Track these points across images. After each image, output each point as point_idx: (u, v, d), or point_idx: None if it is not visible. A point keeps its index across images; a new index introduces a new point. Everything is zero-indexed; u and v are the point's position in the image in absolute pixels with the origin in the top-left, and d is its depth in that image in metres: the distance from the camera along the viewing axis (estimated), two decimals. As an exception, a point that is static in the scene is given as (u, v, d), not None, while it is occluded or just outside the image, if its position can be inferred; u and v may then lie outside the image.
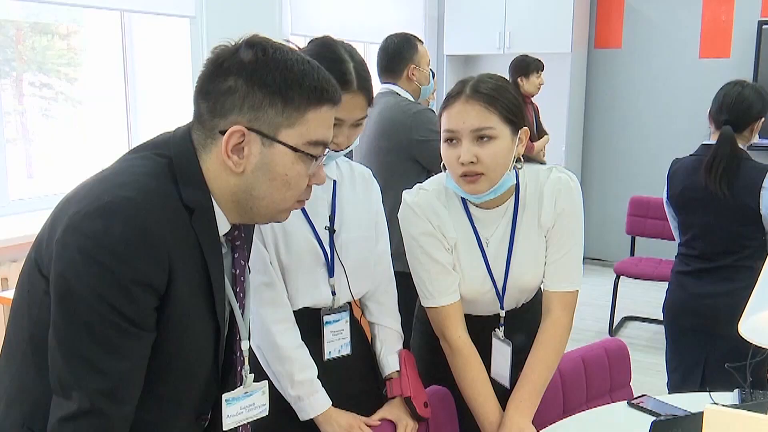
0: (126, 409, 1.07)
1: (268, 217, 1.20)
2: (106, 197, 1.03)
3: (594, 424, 1.74)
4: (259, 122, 1.09)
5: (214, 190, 1.13)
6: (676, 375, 2.63)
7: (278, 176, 1.12)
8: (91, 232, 1.00)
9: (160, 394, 1.15)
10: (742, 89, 2.43)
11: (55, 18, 3.49)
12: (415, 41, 2.95)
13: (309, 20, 4.45)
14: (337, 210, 1.66)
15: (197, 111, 1.12)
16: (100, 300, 1.00)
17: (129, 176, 1.08)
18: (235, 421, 1.27)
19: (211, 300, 1.15)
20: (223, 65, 1.09)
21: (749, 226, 2.39)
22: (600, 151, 6.10)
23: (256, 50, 1.09)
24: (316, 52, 1.53)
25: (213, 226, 1.14)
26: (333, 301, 1.66)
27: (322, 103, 1.13)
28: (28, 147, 3.44)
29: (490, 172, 1.57)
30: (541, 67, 4.53)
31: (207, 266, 1.12)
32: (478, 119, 1.55)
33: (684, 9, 5.61)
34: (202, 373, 1.21)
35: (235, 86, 1.08)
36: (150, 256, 1.02)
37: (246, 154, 1.10)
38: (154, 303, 1.05)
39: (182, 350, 1.14)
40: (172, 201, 1.08)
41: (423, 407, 1.67)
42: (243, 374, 1.27)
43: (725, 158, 2.37)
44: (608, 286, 4.79)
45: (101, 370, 1.03)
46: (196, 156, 1.12)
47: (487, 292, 1.73)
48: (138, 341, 1.05)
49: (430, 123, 2.77)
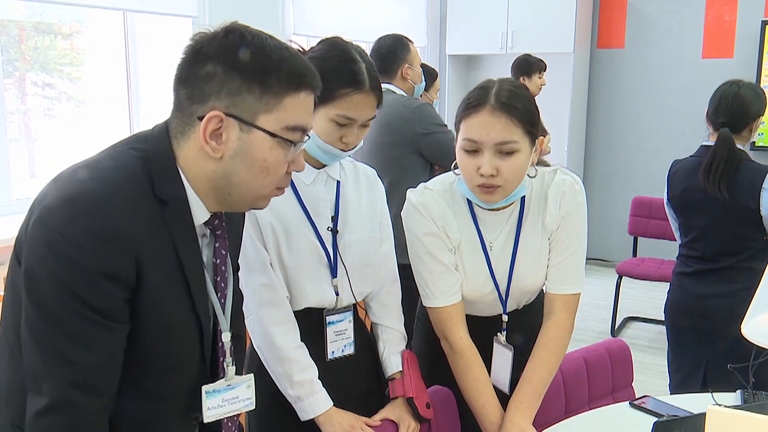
0: (101, 402, 1.07)
1: (247, 204, 1.20)
2: (71, 190, 1.04)
3: (596, 425, 1.74)
4: (237, 108, 1.09)
5: (192, 178, 1.13)
6: (677, 376, 2.62)
7: (256, 162, 1.12)
8: (56, 225, 1.01)
9: (144, 388, 1.15)
10: (738, 89, 2.41)
11: (58, 18, 3.49)
12: (406, 41, 3.03)
13: (312, 20, 4.45)
14: (341, 211, 1.65)
15: (176, 99, 1.13)
16: (66, 291, 1.01)
17: (96, 169, 1.09)
18: (216, 413, 1.26)
19: (189, 292, 1.15)
20: (202, 51, 1.09)
21: (749, 228, 2.38)
22: (602, 152, 6.09)
23: (234, 36, 1.09)
24: (327, 52, 1.53)
25: (188, 218, 1.14)
26: (336, 302, 1.65)
27: (300, 88, 1.13)
28: (30, 146, 3.44)
29: (508, 184, 1.57)
30: (544, 67, 4.52)
31: (180, 259, 1.13)
32: (502, 133, 1.53)
33: (687, 9, 5.60)
34: (188, 368, 1.21)
35: (214, 72, 1.08)
36: (114, 248, 1.02)
37: (224, 139, 1.10)
38: (123, 295, 1.06)
39: (162, 343, 1.14)
40: (140, 193, 1.08)
41: (425, 408, 1.66)
42: (225, 366, 1.27)
43: (723, 160, 2.36)
44: (610, 286, 4.79)
45: (71, 361, 1.03)
46: (172, 148, 1.13)
47: (489, 293, 1.72)
48: (108, 332, 1.05)
49: (432, 116, 2.84)
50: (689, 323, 2.53)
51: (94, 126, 3.62)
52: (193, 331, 1.18)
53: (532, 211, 1.70)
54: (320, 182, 1.63)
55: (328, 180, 1.65)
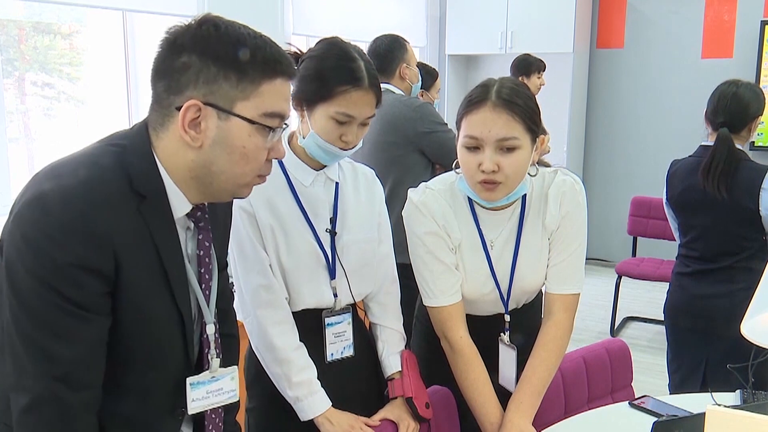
0: (85, 395, 1.08)
1: (229, 193, 1.20)
2: (47, 186, 1.06)
3: (595, 425, 1.74)
4: (214, 96, 1.10)
5: (172, 170, 1.15)
6: (677, 376, 2.62)
7: (236, 149, 1.13)
8: (32, 219, 1.03)
9: (126, 383, 1.16)
10: (737, 89, 2.41)
11: (58, 18, 3.49)
12: (403, 41, 3.04)
13: (311, 20, 4.45)
14: (339, 212, 1.65)
15: (154, 92, 1.14)
16: (43, 285, 1.02)
17: (73, 166, 1.10)
18: (201, 405, 1.28)
19: (170, 285, 1.16)
20: (177, 42, 1.10)
21: (748, 228, 2.38)
22: (602, 152, 6.10)
23: (208, 26, 1.10)
24: (326, 50, 1.54)
25: (166, 211, 1.15)
26: (335, 303, 1.65)
27: (276, 75, 1.14)
28: (30, 146, 3.44)
29: (510, 181, 1.57)
30: (543, 67, 4.51)
31: (159, 252, 1.14)
32: (504, 129, 1.54)
33: (686, 9, 5.60)
34: (171, 361, 1.22)
35: (189, 62, 1.09)
36: (89, 241, 1.04)
37: (203, 128, 1.11)
38: (102, 288, 1.07)
39: (144, 337, 1.15)
40: (117, 188, 1.09)
41: (424, 408, 1.66)
42: (209, 358, 1.28)
43: (723, 160, 2.36)
44: (610, 286, 4.79)
45: (54, 355, 1.05)
46: (150, 142, 1.14)
47: (490, 293, 1.72)
48: (87, 324, 1.07)
49: (434, 115, 2.85)
50: (688, 323, 2.53)
51: (94, 126, 3.62)
52: (175, 324, 1.19)
53: (532, 211, 1.70)
54: (319, 184, 1.64)
55: (327, 181, 1.65)
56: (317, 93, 1.51)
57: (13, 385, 1.07)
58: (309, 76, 1.53)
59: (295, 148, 1.63)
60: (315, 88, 1.51)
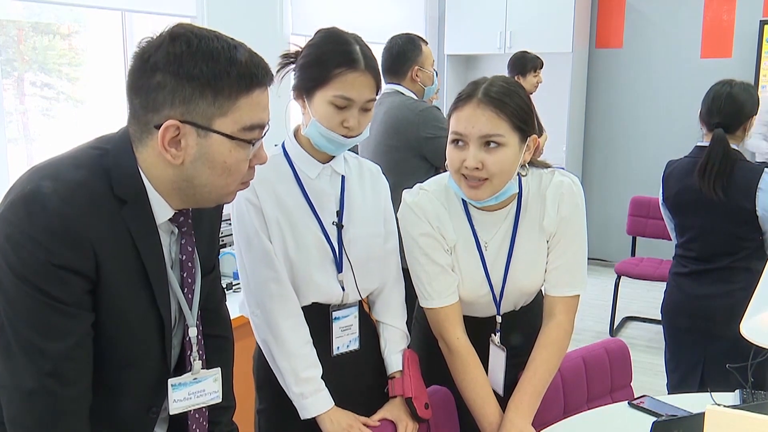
0: (74, 390, 1.10)
1: (213, 201, 1.21)
2: (30, 188, 1.07)
3: (594, 425, 1.74)
4: (192, 114, 1.10)
5: (153, 179, 1.15)
6: (675, 375, 2.62)
7: (217, 164, 1.13)
8: (15, 220, 1.05)
9: (101, 381, 1.16)
10: (731, 89, 2.40)
11: (57, 18, 3.49)
12: (419, 42, 2.96)
13: (310, 20, 4.45)
14: (345, 205, 1.66)
15: (131, 107, 1.14)
16: (27, 283, 1.04)
17: (56, 168, 1.11)
18: (182, 406, 1.29)
19: (150, 288, 1.17)
20: (150, 60, 1.09)
21: (745, 228, 2.38)
22: (601, 151, 6.10)
23: (180, 43, 1.09)
24: (323, 38, 1.57)
25: (148, 216, 1.16)
26: (342, 297, 1.66)
27: (252, 87, 1.13)
28: (29, 147, 3.44)
29: (494, 179, 1.56)
30: (540, 64, 4.46)
31: (141, 256, 1.14)
32: (487, 126, 1.54)
33: (685, 9, 5.60)
34: (146, 363, 1.23)
35: (164, 81, 1.08)
36: (70, 242, 1.05)
37: (183, 146, 1.11)
38: (85, 286, 1.09)
39: (121, 338, 1.16)
40: (98, 192, 1.10)
41: (424, 408, 1.66)
42: (191, 360, 1.29)
43: (718, 161, 2.35)
44: (609, 286, 4.79)
45: (43, 351, 1.06)
46: (132, 148, 1.14)
47: (485, 295, 1.72)
48: (72, 319, 1.08)
49: (437, 120, 2.81)
50: (686, 323, 2.53)
51: (93, 126, 3.61)
52: (154, 326, 1.21)
53: (529, 212, 1.69)
54: (325, 176, 1.64)
55: (333, 174, 1.65)
56: (315, 79, 1.53)
57: (5, 383, 1.09)
58: (307, 63, 1.55)
59: (301, 141, 1.63)
60: (312, 73, 1.53)
